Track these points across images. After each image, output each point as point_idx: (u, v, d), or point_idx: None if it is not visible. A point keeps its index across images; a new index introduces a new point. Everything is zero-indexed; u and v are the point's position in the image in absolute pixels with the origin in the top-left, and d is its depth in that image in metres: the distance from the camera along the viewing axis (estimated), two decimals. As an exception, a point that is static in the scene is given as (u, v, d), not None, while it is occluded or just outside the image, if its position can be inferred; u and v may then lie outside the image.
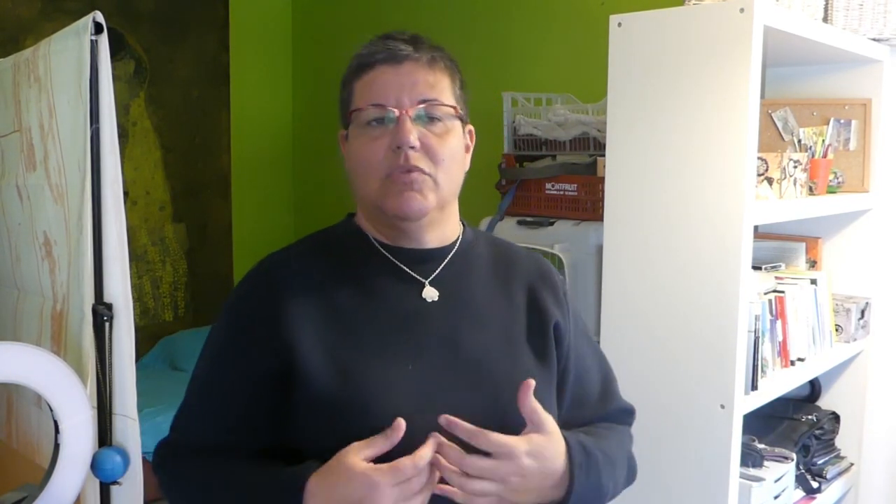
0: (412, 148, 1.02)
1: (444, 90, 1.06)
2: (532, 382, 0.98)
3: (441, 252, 1.11)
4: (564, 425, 1.07)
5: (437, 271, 1.10)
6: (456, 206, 1.14)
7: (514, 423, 1.00)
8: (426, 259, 1.10)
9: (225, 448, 1.06)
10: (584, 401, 1.18)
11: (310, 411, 1.01)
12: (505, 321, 1.11)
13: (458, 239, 1.15)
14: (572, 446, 1.02)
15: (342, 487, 0.92)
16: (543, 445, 0.98)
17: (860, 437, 2.22)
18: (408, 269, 1.09)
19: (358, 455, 0.93)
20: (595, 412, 1.20)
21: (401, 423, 0.94)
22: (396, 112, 1.03)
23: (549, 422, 1.00)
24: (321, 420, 1.00)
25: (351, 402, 0.99)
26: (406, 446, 0.94)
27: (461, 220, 1.17)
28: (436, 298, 1.08)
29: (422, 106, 1.04)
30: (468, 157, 1.13)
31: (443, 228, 1.12)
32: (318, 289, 1.06)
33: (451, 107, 1.06)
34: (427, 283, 1.08)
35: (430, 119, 1.05)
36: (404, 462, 0.92)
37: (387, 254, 1.09)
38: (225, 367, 1.08)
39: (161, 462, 1.12)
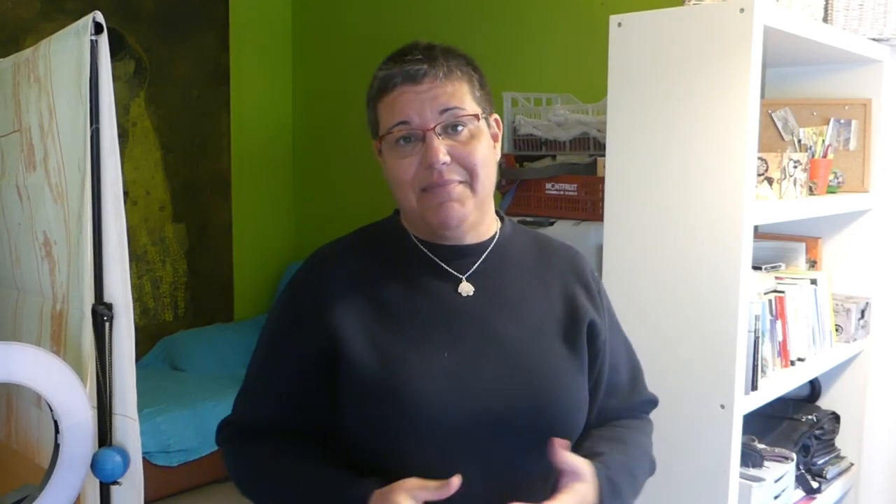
0: (444, 164, 1.07)
1: (463, 97, 1.10)
2: (558, 440, 1.04)
3: (478, 248, 1.16)
4: (599, 412, 1.20)
5: (473, 267, 1.15)
6: (492, 202, 1.18)
7: (545, 407, 1.09)
8: (464, 254, 1.15)
9: (282, 428, 1.14)
10: (616, 392, 1.25)
11: (351, 394, 1.08)
12: (539, 312, 1.16)
13: (495, 234, 1.19)
14: (602, 484, 1.07)
15: None
16: (586, 493, 1.05)
17: (860, 437, 2.22)
18: (445, 266, 1.14)
19: (409, 494, 0.98)
20: (625, 402, 1.27)
21: (456, 481, 0.98)
22: (422, 131, 1.07)
23: (585, 466, 1.06)
24: (361, 403, 1.07)
25: (390, 386, 1.05)
26: (442, 429, 1.03)
27: (498, 212, 1.22)
28: (471, 293, 1.13)
29: (444, 117, 1.08)
30: (498, 145, 1.17)
31: (480, 225, 1.17)
32: (363, 281, 1.13)
33: (473, 115, 1.10)
34: (464, 278, 1.14)
35: (454, 129, 1.09)
36: None
37: (426, 250, 1.15)
38: (279, 351, 1.15)
39: (225, 440, 1.20)
